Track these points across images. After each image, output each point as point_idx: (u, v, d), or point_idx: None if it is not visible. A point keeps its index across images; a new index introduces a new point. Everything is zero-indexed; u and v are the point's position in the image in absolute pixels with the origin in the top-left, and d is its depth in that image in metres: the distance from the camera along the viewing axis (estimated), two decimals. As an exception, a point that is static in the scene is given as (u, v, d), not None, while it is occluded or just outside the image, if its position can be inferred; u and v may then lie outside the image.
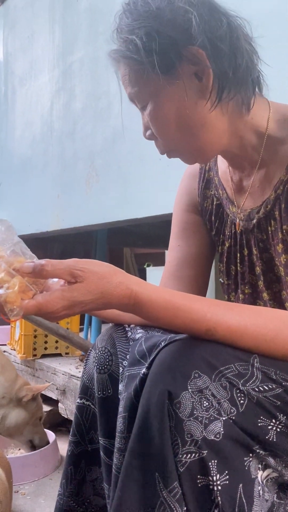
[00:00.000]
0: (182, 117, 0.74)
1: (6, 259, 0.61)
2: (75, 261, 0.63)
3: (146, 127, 0.79)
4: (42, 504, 1.40)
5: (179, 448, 0.59)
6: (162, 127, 0.75)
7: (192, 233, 0.95)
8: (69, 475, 0.87)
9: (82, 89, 2.19)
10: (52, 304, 0.60)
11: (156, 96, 0.73)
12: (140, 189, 1.78)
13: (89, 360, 0.88)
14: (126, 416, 0.70)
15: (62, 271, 0.61)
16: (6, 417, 1.56)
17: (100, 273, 0.63)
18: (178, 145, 0.77)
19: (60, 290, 0.61)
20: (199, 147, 0.77)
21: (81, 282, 0.61)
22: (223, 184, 0.89)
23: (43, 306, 0.60)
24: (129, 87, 0.75)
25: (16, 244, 0.63)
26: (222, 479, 0.58)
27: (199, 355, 0.63)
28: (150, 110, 0.74)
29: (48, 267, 0.61)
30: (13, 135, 2.90)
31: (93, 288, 0.62)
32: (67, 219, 2.28)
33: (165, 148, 0.79)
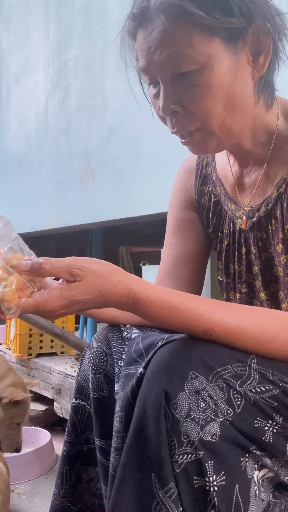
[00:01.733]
0: (232, 93, 0.68)
1: (4, 256, 0.60)
2: (74, 260, 0.62)
3: (171, 99, 0.68)
4: (38, 503, 1.40)
5: (175, 449, 0.58)
6: (211, 99, 0.67)
7: (188, 230, 0.94)
8: (65, 475, 0.86)
9: (77, 86, 2.18)
10: (50, 302, 0.59)
11: (217, 61, 0.65)
12: (135, 187, 1.77)
13: (84, 360, 0.88)
14: (123, 415, 0.69)
15: (60, 269, 0.61)
16: None
17: (99, 272, 0.62)
18: (213, 124, 0.69)
19: (58, 289, 0.60)
20: (231, 131, 0.72)
21: (80, 281, 0.61)
22: (222, 181, 0.88)
23: (41, 305, 0.59)
24: (172, 46, 0.64)
25: (14, 241, 0.62)
26: (218, 480, 0.58)
27: (196, 355, 0.62)
28: (205, 76, 0.66)
29: (46, 265, 0.60)
30: (7, 133, 2.88)
31: (92, 287, 0.61)
32: (62, 218, 2.27)
33: (194, 126, 0.70)
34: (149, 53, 0.67)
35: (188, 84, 0.67)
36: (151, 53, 0.67)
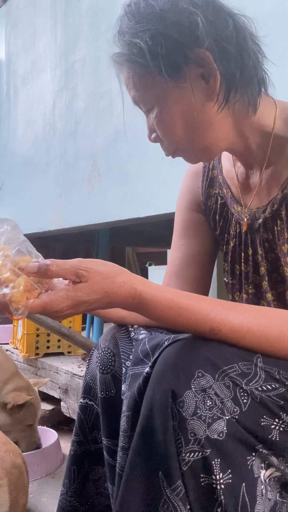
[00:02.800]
0: (189, 119, 0.73)
1: (12, 259, 0.62)
2: (80, 261, 0.63)
3: (152, 130, 0.78)
4: (45, 502, 1.40)
5: (182, 447, 0.59)
6: (169, 129, 0.75)
7: (195, 232, 0.95)
8: (72, 474, 0.87)
9: (84, 88, 2.19)
10: (57, 303, 0.60)
11: (163, 99, 0.73)
12: (142, 188, 1.78)
13: (92, 360, 0.89)
14: (129, 415, 0.70)
15: (67, 271, 0.62)
16: None
17: (104, 273, 0.63)
18: (184, 145, 0.77)
19: (64, 290, 0.61)
20: (205, 147, 0.77)
21: (86, 282, 0.62)
22: (228, 183, 0.89)
23: (48, 306, 0.60)
24: (133, 90, 0.75)
25: (22, 243, 0.63)
26: (225, 478, 0.59)
27: (202, 354, 0.63)
28: (156, 113, 0.74)
29: (53, 267, 0.61)
30: (15, 134, 2.90)
31: (97, 287, 0.62)
32: (69, 218, 2.29)
33: (171, 149, 0.79)
34: (128, 92, 0.77)
35: (152, 118, 0.75)
36: (129, 93, 0.77)
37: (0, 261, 0.60)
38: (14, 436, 1.57)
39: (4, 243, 0.62)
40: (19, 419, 1.57)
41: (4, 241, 0.62)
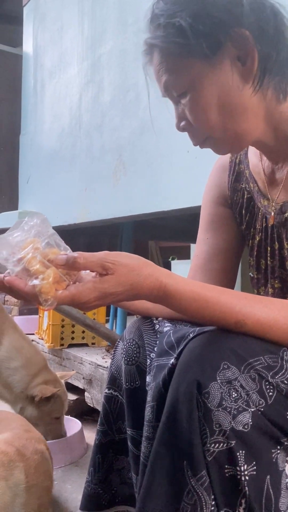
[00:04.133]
0: (225, 102, 0.72)
1: (42, 251, 0.63)
2: (106, 254, 0.64)
3: (181, 117, 0.77)
4: (69, 489, 1.43)
5: (207, 437, 0.59)
6: (203, 113, 0.73)
7: (220, 226, 0.94)
8: (97, 463, 0.89)
9: (111, 81, 2.20)
10: (84, 295, 0.62)
11: (198, 81, 0.72)
12: (167, 181, 1.78)
13: (117, 352, 0.90)
14: (154, 405, 0.71)
15: (93, 263, 0.63)
16: (23, 410, 1.56)
17: (130, 266, 0.64)
18: (217, 132, 0.75)
19: (92, 282, 0.62)
20: (237, 134, 0.75)
21: (112, 274, 0.63)
22: (254, 177, 0.88)
23: (76, 297, 0.62)
24: (166, 75, 0.74)
25: (51, 236, 0.65)
26: (249, 469, 0.59)
27: (228, 346, 0.63)
28: (190, 97, 0.73)
29: (80, 259, 0.62)
30: (42, 128, 2.93)
31: (123, 280, 0.63)
32: (94, 212, 2.30)
33: (201, 137, 0.77)
34: (158, 81, 0.77)
35: (184, 104, 0.74)
36: (158, 82, 0.77)
37: (31, 254, 0.62)
38: (41, 428, 1.59)
39: (34, 236, 0.64)
40: (46, 411, 1.60)
41: (34, 234, 0.64)
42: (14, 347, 1.60)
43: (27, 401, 1.58)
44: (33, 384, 1.59)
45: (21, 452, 0.98)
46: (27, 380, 1.58)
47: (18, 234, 0.64)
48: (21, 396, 1.58)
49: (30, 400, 1.58)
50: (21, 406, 1.58)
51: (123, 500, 0.89)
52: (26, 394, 1.58)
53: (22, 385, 1.58)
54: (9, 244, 0.63)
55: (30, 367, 1.61)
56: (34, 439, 1.09)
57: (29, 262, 0.61)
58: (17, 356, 1.59)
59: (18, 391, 1.58)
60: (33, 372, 1.61)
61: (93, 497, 0.88)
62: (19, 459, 0.96)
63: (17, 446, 0.99)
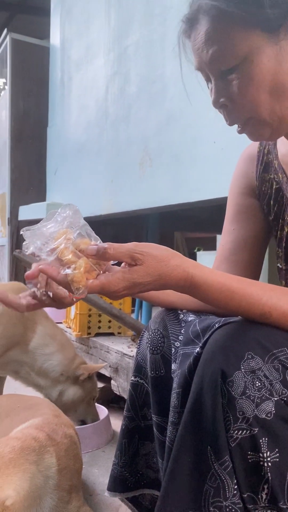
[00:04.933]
0: (277, 82, 0.69)
1: (73, 242, 0.66)
2: (135, 245, 0.66)
3: (220, 93, 0.73)
4: (96, 473, 1.48)
5: (230, 424, 0.61)
6: (255, 90, 0.69)
7: (247, 217, 0.95)
8: (123, 447, 0.92)
9: (137, 72, 2.20)
10: (114, 284, 0.64)
11: (256, 55, 0.68)
12: (193, 172, 1.78)
13: (142, 341, 0.92)
14: (180, 392, 0.73)
15: (123, 254, 0.65)
16: (63, 394, 1.63)
17: (158, 256, 0.66)
18: (263, 113, 0.71)
19: (121, 272, 0.64)
20: (282, 118, 0.72)
21: (141, 265, 0.65)
22: (283, 168, 0.88)
23: (106, 286, 0.64)
24: (216, 45, 0.69)
25: (82, 227, 0.67)
26: (272, 456, 0.60)
27: (253, 337, 0.65)
28: (245, 71, 0.69)
29: (110, 250, 0.65)
30: (69, 120, 2.96)
31: (152, 270, 0.65)
32: (120, 203, 2.33)
33: (244, 116, 0.73)
34: (198, 53, 0.72)
35: (232, 78, 0.70)
36: (199, 53, 0.72)
37: (63, 244, 0.64)
38: (83, 409, 1.69)
39: (66, 227, 0.67)
40: (88, 390, 1.68)
41: (67, 225, 0.67)
42: (48, 334, 1.65)
43: (69, 382, 1.65)
44: (74, 365, 1.66)
45: (51, 437, 1.02)
46: (66, 363, 1.64)
47: (51, 225, 0.66)
48: (61, 379, 1.64)
49: (73, 380, 1.65)
50: (61, 389, 1.63)
51: (148, 483, 0.92)
52: (68, 375, 1.64)
53: (62, 368, 1.63)
54: (43, 234, 0.66)
55: (66, 351, 1.67)
56: (63, 424, 1.12)
57: (61, 252, 0.64)
58: (52, 342, 1.65)
59: (57, 374, 1.63)
60: (70, 355, 1.68)
61: (120, 479, 0.92)
62: (50, 443, 1.00)
63: (47, 431, 1.03)
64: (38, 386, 1.66)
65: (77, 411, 1.68)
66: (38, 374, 1.64)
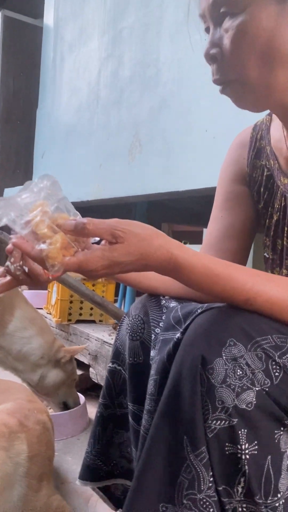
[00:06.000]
0: (272, 46, 0.66)
1: (50, 215, 0.61)
2: (117, 222, 0.62)
3: (214, 43, 0.69)
4: (69, 461, 1.45)
5: (209, 414, 0.58)
6: (246, 46, 0.66)
7: (236, 204, 0.92)
8: (97, 435, 0.89)
9: (131, 56, 2.15)
10: (93, 262, 0.60)
11: (259, 9, 0.65)
12: (184, 161, 1.75)
13: (122, 327, 0.89)
14: (157, 379, 0.70)
15: (103, 230, 0.61)
16: (44, 377, 1.60)
17: (141, 235, 0.62)
18: (249, 75, 0.68)
19: (100, 250, 0.61)
20: (269, 87, 0.69)
21: (122, 243, 0.61)
22: (276, 154, 0.85)
23: (84, 264, 0.60)
24: None
25: (61, 201, 0.63)
26: (250, 448, 0.58)
27: (236, 323, 0.62)
28: (243, 22, 0.66)
29: (89, 225, 0.61)
30: (59, 102, 2.90)
31: (133, 249, 0.61)
32: (107, 189, 2.28)
33: (229, 76, 0.69)
34: None
35: (227, 28, 0.68)
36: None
37: (39, 217, 0.60)
38: (65, 391, 1.67)
39: (43, 199, 0.62)
40: (69, 373, 1.67)
41: (44, 196, 0.62)
42: (27, 318, 1.63)
43: (50, 366, 1.63)
44: (55, 348, 1.64)
45: (23, 423, 0.98)
46: (47, 346, 1.62)
47: (27, 195, 0.62)
48: (41, 362, 1.61)
49: (54, 363, 1.63)
50: (42, 373, 1.61)
51: (122, 473, 0.89)
52: (49, 358, 1.61)
53: (42, 351, 1.61)
54: (18, 205, 0.61)
55: (45, 334, 1.65)
56: (36, 409, 1.09)
57: (36, 225, 0.60)
58: (31, 326, 1.62)
59: (37, 358, 1.61)
60: (50, 339, 1.66)
61: (92, 468, 0.89)
62: (21, 429, 0.96)
63: (18, 416, 0.99)
64: (16, 370, 1.63)
65: (59, 394, 1.66)
66: (16, 358, 1.60)
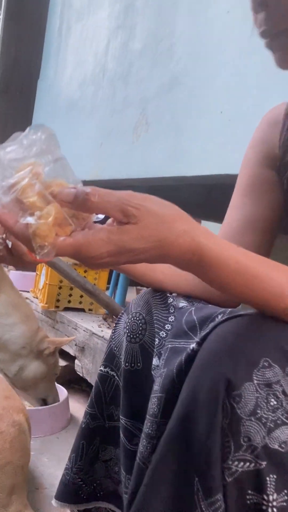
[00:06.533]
0: None
1: (43, 179, 0.46)
2: (130, 195, 0.48)
3: None
4: (46, 462, 1.32)
5: (230, 452, 0.45)
6: None
7: (263, 191, 0.78)
8: (80, 450, 0.76)
9: (144, 28, 1.99)
10: (95, 247, 0.46)
11: None
12: (194, 143, 1.60)
13: (119, 326, 0.75)
14: (162, 397, 0.56)
15: (111, 205, 0.46)
16: (24, 369, 1.47)
17: (160, 215, 0.48)
18: None
19: (106, 231, 0.46)
20: None
21: (135, 224, 0.46)
22: None
23: (83, 248, 0.46)
24: None
25: (58, 161, 0.48)
26: (279, 500, 0.45)
27: (272, 338, 0.48)
28: None
29: (94, 197, 0.46)
30: (62, 74, 2.73)
31: (149, 233, 0.47)
32: (107, 170, 2.13)
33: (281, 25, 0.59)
34: None
35: None
36: None
37: (27, 180, 0.45)
38: (44, 386, 1.53)
39: (35, 155, 0.47)
40: (51, 366, 1.54)
41: (36, 153, 0.47)
42: (11, 304, 1.49)
43: (32, 357, 1.50)
44: (38, 338, 1.51)
45: (-6, 424, 0.85)
46: (30, 335, 1.49)
47: (12, 148, 0.47)
48: (22, 353, 1.49)
49: (36, 355, 1.50)
50: (22, 364, 1.48)
51: (106, 495, 0.76)
52: (31, 349, 1.49)
53: (24, 340, 1.48)
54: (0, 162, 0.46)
55: (29, 322, 1.52)
56: (12, 408, 0.96)
57: (23, 190, 0.45)
58: (14, 313, 1.48)
59: (18, 347, 1.48)
60: (33, 327, 1.52)
61: (71, 487, 0.76)
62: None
63: (-9, 416, 0.86)
64: None
65: (37, 389, 1.53)
66: None
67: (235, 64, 1.54)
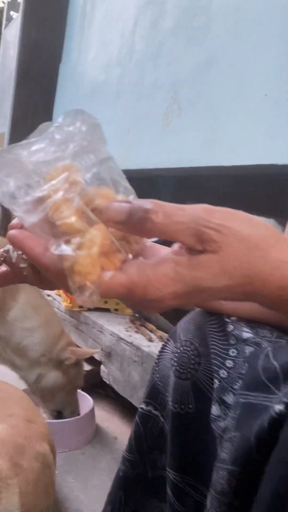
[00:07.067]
0: None
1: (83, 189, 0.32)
2: (208, 212, 0.33)
3: None
4: (71, 483, 1.20)
5: None
6: None
7: None
8: (118, 503, 0.63)
9: (176, 3, 1.83)
10: (157, 286, 0.31)
11: None
12: (233, 130, 1.44)
13: (165, 355, 0.62)
14: (235, 471, 0.43)
15: (182, 227, 0.32)
16: (42, 378, 1.35)
17: (252, 240, 0.33)
18: None
19: (172, 263, 0.32)
20: None
21: (215, 253, 0.32)
22: None
23: (139, 288, 0.32)
24: None
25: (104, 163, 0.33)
26: None
27: None
28: None
29: (157, 216, 0.32)
30: (86, 56, 2.58)
31: (235, 265, 0.32)
32: (134, 159, 1.99)
33: None
34: None
35: None
36: None
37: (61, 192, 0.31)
38: (62, 399, 1.40)
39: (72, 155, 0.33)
40: (71, 379, 1.41)
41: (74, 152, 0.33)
42: (31, 305, 1.36)
43: (51, 366, 1.37)
44: (59, 347, 1.37)
45: (16, 463, 0.73)
46: (50, 342, 1.36)
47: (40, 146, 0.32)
48: (41, 361, 1.36)
49: (56, 364, 1.37)
50: (40, 373, 1.36)
51: None
52: (50, 357, 1.36)
53: (43, 348, 1.36)
54: (23, 167, 0.32)
55: (50, 327, 1.39)
56: (35, 437, 0.84)
57: (56, 207, 0.31)
58: (34, 316, 1.35)
59: (37, 354, 1.35)
60: (55, 333, 1.39)
61: None
62: (13, 473, 0.71)
63: (11, 452, 0.74)
64: (14, 365, 1.38)
65: (54, 401, 1.40)
66: (14, 352, 1.35)
67: (281, 40, 1.37)
